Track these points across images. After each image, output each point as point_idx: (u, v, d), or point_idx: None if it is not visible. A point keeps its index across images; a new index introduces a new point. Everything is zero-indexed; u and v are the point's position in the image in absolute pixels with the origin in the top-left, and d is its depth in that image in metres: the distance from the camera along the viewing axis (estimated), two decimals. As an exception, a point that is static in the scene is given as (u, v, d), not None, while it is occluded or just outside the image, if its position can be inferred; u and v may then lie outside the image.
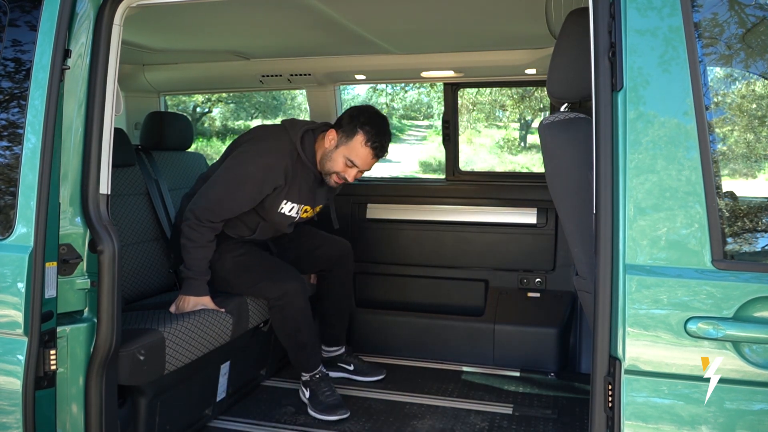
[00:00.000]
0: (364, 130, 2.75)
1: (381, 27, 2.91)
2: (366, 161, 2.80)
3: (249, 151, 2.79)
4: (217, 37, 3.18)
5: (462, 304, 3.77)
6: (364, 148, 2.76)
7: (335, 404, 2.90)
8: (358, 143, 2.75)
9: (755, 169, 1.77)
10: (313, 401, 2.93)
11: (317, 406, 2.90)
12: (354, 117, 2.80)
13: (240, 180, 2.74)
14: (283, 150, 2.77)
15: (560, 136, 1.90)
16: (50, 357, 1.90)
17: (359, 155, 2.77)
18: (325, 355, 3.35)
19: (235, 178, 2.75)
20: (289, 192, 2.82)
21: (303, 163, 2.82)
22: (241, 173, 2.75)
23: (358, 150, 2.76)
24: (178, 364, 2.46)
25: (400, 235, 3.86)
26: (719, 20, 1.65)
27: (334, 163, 2.80)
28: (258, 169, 2.74)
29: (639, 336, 1.56)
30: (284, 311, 2.85)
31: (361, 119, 2.77)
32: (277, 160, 2.75)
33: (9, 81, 2.03)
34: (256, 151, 2.79)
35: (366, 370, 3.36)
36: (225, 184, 2.75)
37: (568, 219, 1.92)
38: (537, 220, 3.64)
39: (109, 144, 2.03)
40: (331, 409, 2.88)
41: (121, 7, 2.02)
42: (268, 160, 2.75)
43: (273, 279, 2.85)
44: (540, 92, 14.07)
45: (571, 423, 2.88)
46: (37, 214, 1.87)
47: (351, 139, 2.76)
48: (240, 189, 2.74)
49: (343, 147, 2.78)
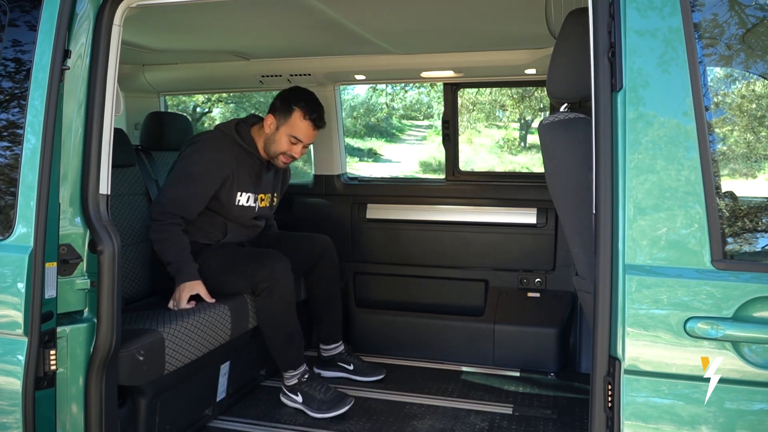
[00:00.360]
0: (299, 106, 2.94)
1: (381, 27, 2.91)
2: (308, 134, 2.97)
3: (192, 152, 2.93)
4: (217, 37, 3.18)
5: (462, 304, 3.77)
6: (304, 122, 2.94)
7: (336, 398, 2.88)
8: (297, 119, 2.94)
9: (755, 169, 1.77)
10: (309, 403, 2.89)
11: (317, 406, 2.87)
12: (286, 98, 2.98)
13: (189, 178, 2.87)
14: (222, 145, 2.94)
15: (560, 136, 1.90)
16: (50, 357, 1.90)
17: (301, 130, 2.95)
18: (324, 354, 3.36)
19: (184, 177, 2.87)
20: (239, 183, 2.96)
21: (245, 151, 2.98)
22: (190, 171, 2.88)
23: (298, 125, 2.94)
24: (177, 364, 2.46)
25: (400, 235, 3.86)
26: (719, 21, 1.65)
27: (279, 144, 2.97)
28: (203, 165, 2.88)
29: (639, 336, 1.56)
30: (273, 294, 2.82)
31: (294, 98, 2.96)
32: (218, 154, 2.91)
33: (9, 81, 2.03)
34: (199, 150, 2.93)
35: (366, 370, 3.35)
36: (177, 184, 2.87)
37: (568, 219, 1.92)
38: (537, 220, 3.64)
39: (109, 144, 2.03)
40: (334, 403, 2.85)
41: (121, 8, 2.02)
42: (210, 155, 2.90)
43: (260, 261, 2.87)
44: (540, 92, 14.07)
45: (571, 423, 2.88)
46: (37, 214, 1.87)
47: (289, 117, 2.94)
48: (191, 186, 2.86)
49: (284, 127, 2.95)
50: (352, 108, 18.79)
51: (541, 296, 3.63)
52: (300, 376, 2.93)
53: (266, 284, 2.82)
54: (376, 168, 18.84)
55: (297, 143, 2.98)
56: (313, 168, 4.11)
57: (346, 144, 7.40)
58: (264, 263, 2.85)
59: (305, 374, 2.95)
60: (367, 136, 20.50)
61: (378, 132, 20.84)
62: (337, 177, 4.03)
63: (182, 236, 2.83)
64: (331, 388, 2.93)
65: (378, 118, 19.85)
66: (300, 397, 2.92)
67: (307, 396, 2.90)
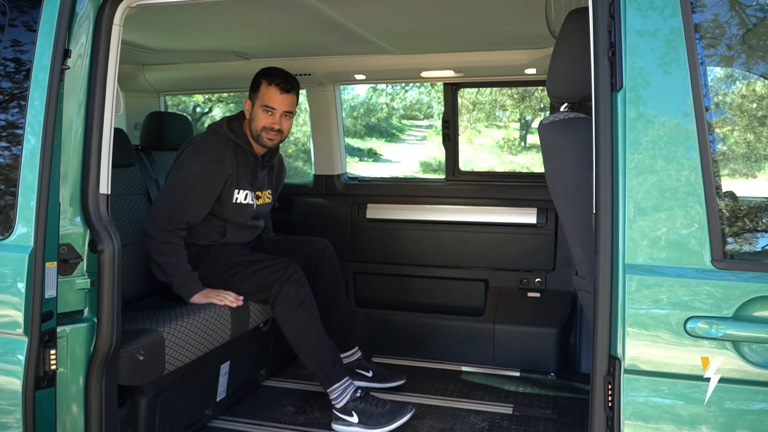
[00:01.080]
0: (262, 76, 2.98)
1: (381, 27, 2.91)
2: (277, 99, 2.95)
3: (189, 156, 2.91)
4: (217, 37, 3.18)
5: (462, 304, 3.77)
6: (270, 88, 2.95)
7: (395, 408, 2.74)
8: (264, 88, 2.96)
9: (755, 169, 1.77)
10: (368, 421, 2.70)
11: (376, 422, 2.70)
12: (253, 79, 3.02)
13: (189, 183, 2.84)
14: (218, 143, 2.94)
15: (560, 136, 1.90)
16: (50, 357, 1.90)
17: (270, 97, 2.95)
18: None
19: (183, 183, 2.84)
20: (238, 180, 2.95)
21: (239, 147, 2.97)
22: (189, 176, 2.85)
23: (267, 94, 2.95)
24: (177, 364, 2.46)
25: (400, 235, 3.86)
26: (720, 21, 1.65)
27: (257, 120, 2.97)
28: (204, 167, 2.86)
29: (639, 336, 1.56)
30: (288, 296, 2.75)
31: (259, 75, 3.00)
32: (217, 152, 2.90)
33: (9, 81, 2.03)
34: (196, 152, 2.91)
35: (386, 376, 3.24)
36: (176, 191, 2.84)
37: (568, 219, 1.92)
38: (537, 220, 3.64)
39: (109, 144, 2.03)
40: (394, 414, 2.72)
41: (121, 7, 2.02)
42: (209, 155, 2.89)
43: (267, 266, 2.84)
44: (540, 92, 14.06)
45: (571, 423, 2.88)
46: (37, 214, 1.87)
47: (258, 90, 2.97)
48: (191, 191, 2.83)
49: (257, 101, 2.97)
50: (352, 108, 18.77)
51: (541, 296, 3.63)
52: (352, 392, 2.76)
53: (278, 288, 2.78)
54: (376, 168, 18.83)
55: (272, 112, 2.95)
56: (313, 168, 4.11)
57: (346, 144, 7.40)
58: (272, 267, 2.82)
59: (357, 390, 2.78)
60: (367, 136, 20.49)
61: (378, 132, 20.83)
62: (337, 177, 4.03)
63: (182, 245, 2.81)
64: (387, 402, 2.77)
65: (378, 117, 19.84)
66: (355, 416, 2.72)
67: (364, 413, 2.71)
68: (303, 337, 2.80)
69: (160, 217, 2.78)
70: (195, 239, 2.94)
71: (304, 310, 2.79)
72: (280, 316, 2.83)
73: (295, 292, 2.78)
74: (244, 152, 2.99)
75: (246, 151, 2.99)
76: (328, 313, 3.24)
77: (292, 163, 16.60)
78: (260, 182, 3.10)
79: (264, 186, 3.15)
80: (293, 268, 2.83)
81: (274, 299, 2.80)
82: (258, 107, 2.96)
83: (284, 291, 2.77)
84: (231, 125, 3.00)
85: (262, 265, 2.86)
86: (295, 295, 2.78)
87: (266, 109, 2.94)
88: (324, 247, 3.27)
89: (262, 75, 2.98)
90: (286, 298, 2.77)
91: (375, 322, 3.77)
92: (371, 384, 3.20)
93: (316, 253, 3.24)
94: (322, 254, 3.25)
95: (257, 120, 2.96)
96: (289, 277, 2.79)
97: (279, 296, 2.78)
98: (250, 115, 2.99)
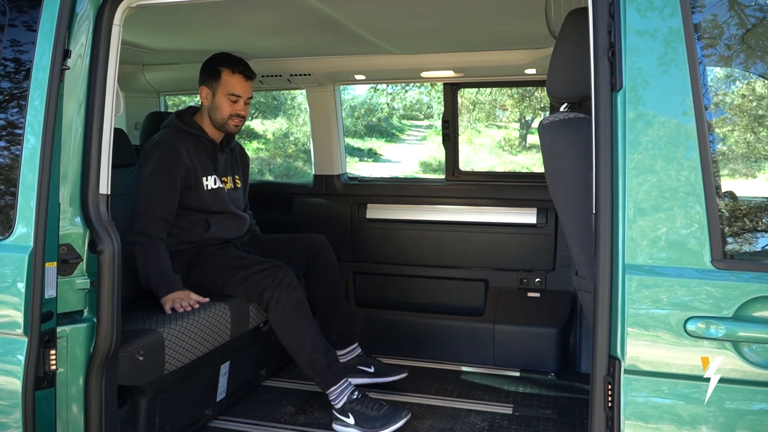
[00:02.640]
0: (223, 65, 2.99)
1: (381, 27, 2.91)
2: (242, 87, 3.00)
3: (146, 157, 2.95)
4: (217, 37, 3.18)
5: (462, 304, 3.77)
6: (234, 77, 2.98)
7: (390, 412, 2.74)
8: (227, 77, 2.98)
9: (755, 169, 1.77)
10: (363, 423, 2.72)
11: (371, 425, 2.71)
12: (208, 67, 3.03)
13: (150, 179, 2.87)
14: (170, 138, 2.96)
15: (560, 136, 1.90)
16: (50, 357, 1.90)
17: (234, 85, 2.98)
18: (342, 359, 3.21)
19: (145, 182, 2.87)
20: (201, 167, 2.98)
21: (194, 136, 3.00)
22: (148, 174, 2.88)
23: (231, 83, 2.98)
24: (177, 364, 2.46)
25: (400, 235, 3.86)
26: (719, 21, 1.65)
27: (222, 109, 2.99)
28: (159, 160, 2.89)
29: (639, 336, 1.56)
30: (280, 302, 2.76)
31: (215, 62, 3.02)
32: (170, 146, 2.92)
33: (9, 81, 2.03)
34: (151, 150, 2.95)
35: (388, 370, 3.24)
36: (142, 192, 2.87)
37: (568, 219, 1.92)
38: (537, 220, 3.64)
39: (109, 144, 2.03)
40: (389, 418, 2.72)
41: (121, 8, 2.02)
42: (162, 149, 2.92)
43: (259, 271, 2.83)
44: (540, 92, 14.06)
45: (571, 423, 2.88)
46: (37, 214, 1.87)
47: (219, 79, 2.98)
48: (154, 186, 2.86)
49: (219, 90, 2.98)
50: (352, 108, 18.78)
51: (541, 296, 3.63)
52: (349, 394, 2.77)
53: (270, 294, 2.77)
54: (376, 168, 18.84)
55: (237, 100, 2.99)
56: (313, 168, 4.11)
57: (346, 144, 7.40)
58: (264, 273, 2.81)
59: (354, 392, 2.79)
60: (367, 136, 20.49)
61: (378, 132, 20.83)
62: (337, 177, 4.03)
63: (161, 248, 2.81)
64: (384, 405, 2.78)
65: (378, 117, 19.84)
66: (352, 418, 2.74)
67: (360, 415, 2.73)
68: (297, 342, 2.80)
69: (136, 223, 2.80)
70: (181, 236, 2.93)
71: (297, 315, 2.79)
72: (273, 321, 2.83)
73: (287, 298, 2.77)
74: (199, 140, 3.01)
75: (201, 138, 3.01)
76: (327, 309, 3.25)
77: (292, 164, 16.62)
78: (224, 167, 3.12)
79: (228, 171, 3.16)
80: (283, 272, 2.81)
81: (267, 305, 2.80)
82: (221, 96, 2.97)
83: (276, 296, 2.77)
84: (181, 117, 3.03)
85: (254, 269, 2.84)
86: (287, 300, 2.77)
87: (231, 98, 2.97)
88: (321, 243, 3.27)
89: (221, 63, 3.00)
90: (279, 303, 2.77)
91: (375, 322, 3.77)
92: (374, 379, 3.20)
93: (313, 249, 3.24)
94: (319, 250, 3.25)
95: (222, 108, 2.98)
96: (280, 282, 2.78)
97: (271, 302, 2.78)
98: (211, 103, 3.00)
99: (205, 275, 2.88)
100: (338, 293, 3.29)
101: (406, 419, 2.75)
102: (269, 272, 2.80)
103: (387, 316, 3.78)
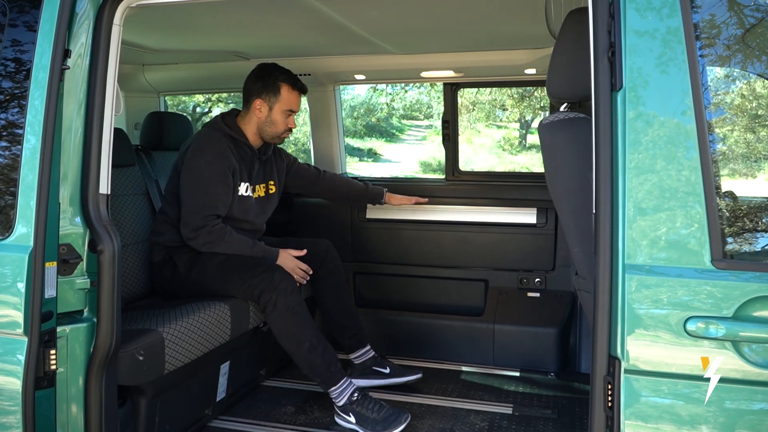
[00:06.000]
0: (282, 80, 3.01)
1: (381, 27, 2.91)
2: (299, 102, 3.07)
3: (195, 157, 2.92)
4: (217, 37, 3.18)
5: (462, 304, 3.77)
6: (293, 93, 3.03)
7: (390, 415, 2.75)
8: (287, 93, 3.01)
9: (755, 169, 1.77)
10: (363, 424, 2.74)
11: (371, 427, 2.73)
12: (264, 78, 3.02)
13: (205, 179, 2.87)
14: (217, 138, 2.95)
15: (560, 136, 1.90)
16: (50, 357, 1.90)
17: (292, 101, 3.03)
18: (356, 362, 3.23)
19: (200, 181, 2.87)
20: (241, 172, 2.99)
21: (237, 141, 3.00)
22: (202, 173, 2.87)
23: (289, 98, 3.02)
24: (177, 364, 2.46)
25: (400, 235, 3.86)
26: (718, 21, 1.65)
27: (278, 124, 3.03)
28: (212, 161, 2.89)
29: (639, 336, 1.56)
30: (278, 305, 2.75)
31: (274, 75, 3.02)
32: (219, 146, 2.92)
33: (9, 81, 2.03)
34: (201, 150, 2.93)
35: (403, 371, 3.25)
36: (196, 191, 2.87)
37: (568, 219, 1.92)
38: (537, 220, 3.64)
39: (109, 144, 2.03)
40: (389, 422, 2.72)
41: (121, 7, 2.02)
42: (214, 149, 2.92)
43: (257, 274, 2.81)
44: (540, 92, 14.07)
45: (571, 423, 2.88)
46: (37, 214, 1.87)
47: (278, 94, 3.00)
48: (211, 185, 2.86)
49: (277, 105, 3.00)
50: (352, 108, 18.78)
51: (541, 296, 3.63)
52: (350, 394, 2.79)
53: (268, 296, 2.77)
54: (376, 168, 18.84)
55: (291, 115, 3.05)
56: (313, 168, 4.11)
57: (346, 144, 7.40)
58: (261, 276, 2.79)
59: (355, 393, 2.80)
60: (367, 136, 20.51)
61: (378, 132, 20.84)
62: (337, 177, 4.03)
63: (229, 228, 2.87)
64: (384, 406, 2.78)
65: (378, 118, 19.84)
66: (353, 417, 2.77)
67: (360, 417, 2.75)
68: (295, 345, 2.80)
69: (192, 220, 2.82)
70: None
71: (294, 319, 2.78)
72: (271, 324, 2.84)
73: (284, 301, 2.76)
74: (241, 146, 3.01)
75: (243, 144, 3.01)
76: (336, 314, 3.24)
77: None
78: (256, 175, 3.12)
79: (260, 179, 3.15)
80: (280, 275, 2.81)
81: (264, 308, 2.80)
82: (279, 111, 3.00)
83: (273, 300, 2.76)
84: (226, 121, 3.02)
85: (253, 272, 2.82)
86: (284, 304, 2.76)
87: (288, 113, 3.02)
88: (327, 249, 3.26)
89: (279, 78, 3.00)
90: (276, 307, 2.76)
91: (375, 323, 3.77)
92: (390, 380, 3.21)
93: (319, 255, 3.22)
94: (326, 256, 3.24)
95: (278, 124, 3.02)
96: (277, 286, 2.76)
97: (268, 305, 2.78)
98: (267, 117, 3.00)
99: (206, 275, 2.87)
100: (346, 297, 3.29)
101: (406, 423, 2.75)
102: (266, 275, 2.79)
103: (387, 316, 3.78)
